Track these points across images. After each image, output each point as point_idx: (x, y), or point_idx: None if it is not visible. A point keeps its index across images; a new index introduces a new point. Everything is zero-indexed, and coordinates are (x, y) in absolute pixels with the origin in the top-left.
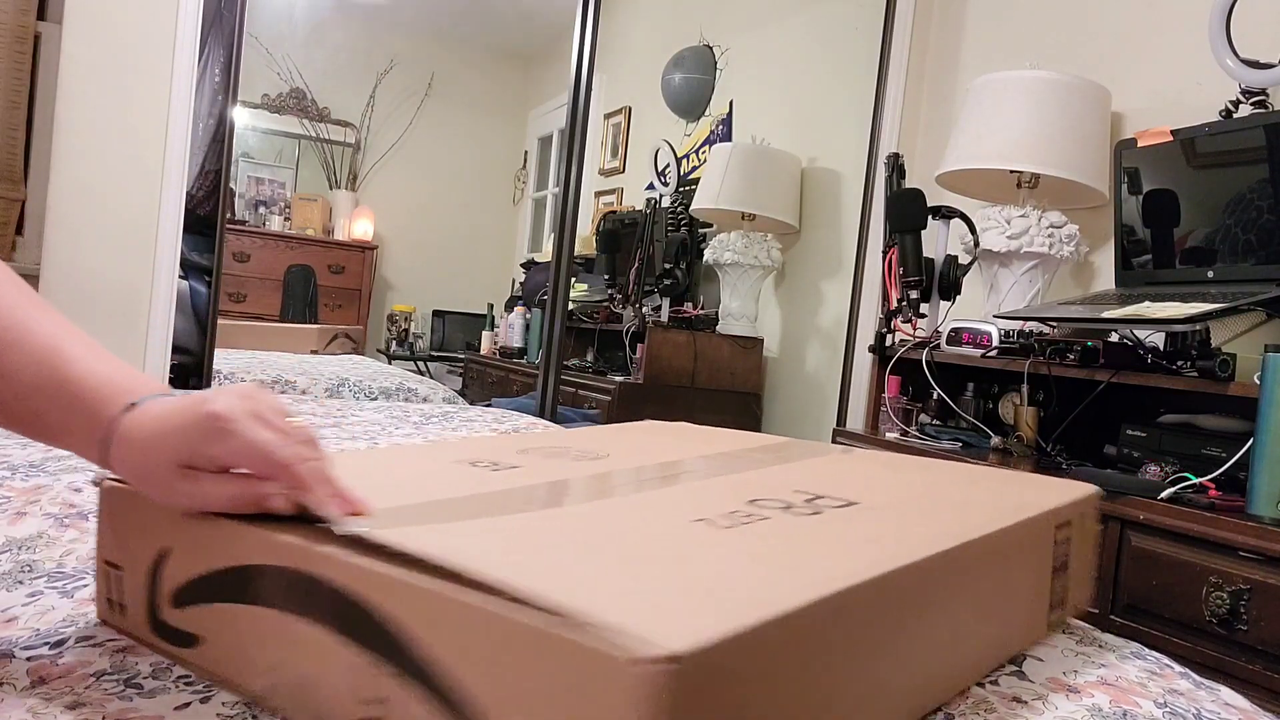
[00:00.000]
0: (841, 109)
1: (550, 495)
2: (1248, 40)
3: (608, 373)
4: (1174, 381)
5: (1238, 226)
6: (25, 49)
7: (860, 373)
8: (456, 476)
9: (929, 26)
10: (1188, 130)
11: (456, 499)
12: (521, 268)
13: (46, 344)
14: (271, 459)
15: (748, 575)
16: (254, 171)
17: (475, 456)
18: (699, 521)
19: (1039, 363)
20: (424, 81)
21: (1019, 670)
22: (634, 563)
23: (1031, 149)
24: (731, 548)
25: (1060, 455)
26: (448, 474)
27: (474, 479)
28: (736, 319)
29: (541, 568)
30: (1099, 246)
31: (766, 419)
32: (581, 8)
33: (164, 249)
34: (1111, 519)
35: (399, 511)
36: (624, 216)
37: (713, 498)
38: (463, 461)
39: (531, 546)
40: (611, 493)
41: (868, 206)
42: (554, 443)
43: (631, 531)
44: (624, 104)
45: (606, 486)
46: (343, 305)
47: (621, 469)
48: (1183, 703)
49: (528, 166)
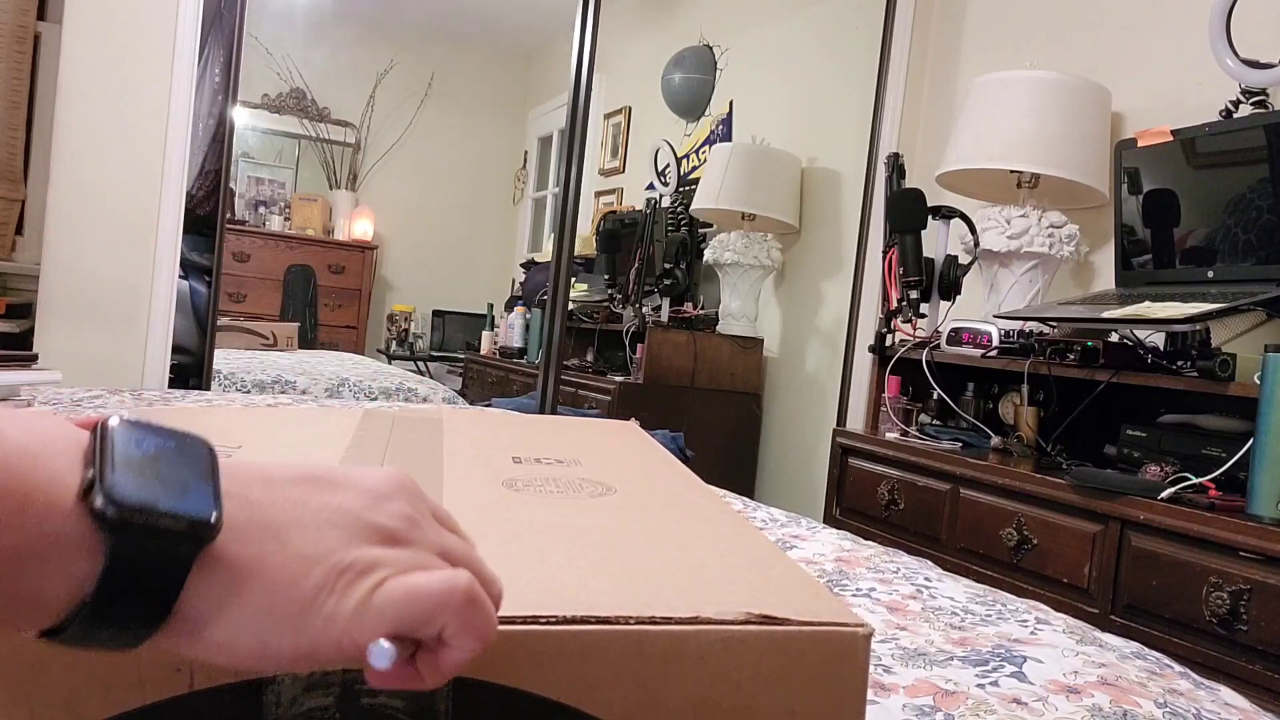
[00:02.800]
0: (841, 109)
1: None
2: (1248, 40)
3: (608, 373)
4: (1174, 381)
5: (1238, 226)
6: (25, 49)
7: (860, 373)
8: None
9: (929, 26)
10: (1188, 130)
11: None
12: (521, 268)
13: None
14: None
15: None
16: (254, 171)
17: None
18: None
19: (1039, 363)
20: (424, 81)
21: (1019, 671)
22: (686, 568)
23: (1031, 149)
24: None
25: (1060, 455)
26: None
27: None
28: (736, 319)
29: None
30: (1099, 246)
31: (766, 419)
32: (581, 8)
33: (164, 249)
34: (1111, 519)
35: None
36: (624, 216)
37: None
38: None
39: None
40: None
41: (868, 206)
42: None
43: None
44: (624, 104)
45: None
46: (343, 305)
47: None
48: (1183, 703)
49: (528, 166)
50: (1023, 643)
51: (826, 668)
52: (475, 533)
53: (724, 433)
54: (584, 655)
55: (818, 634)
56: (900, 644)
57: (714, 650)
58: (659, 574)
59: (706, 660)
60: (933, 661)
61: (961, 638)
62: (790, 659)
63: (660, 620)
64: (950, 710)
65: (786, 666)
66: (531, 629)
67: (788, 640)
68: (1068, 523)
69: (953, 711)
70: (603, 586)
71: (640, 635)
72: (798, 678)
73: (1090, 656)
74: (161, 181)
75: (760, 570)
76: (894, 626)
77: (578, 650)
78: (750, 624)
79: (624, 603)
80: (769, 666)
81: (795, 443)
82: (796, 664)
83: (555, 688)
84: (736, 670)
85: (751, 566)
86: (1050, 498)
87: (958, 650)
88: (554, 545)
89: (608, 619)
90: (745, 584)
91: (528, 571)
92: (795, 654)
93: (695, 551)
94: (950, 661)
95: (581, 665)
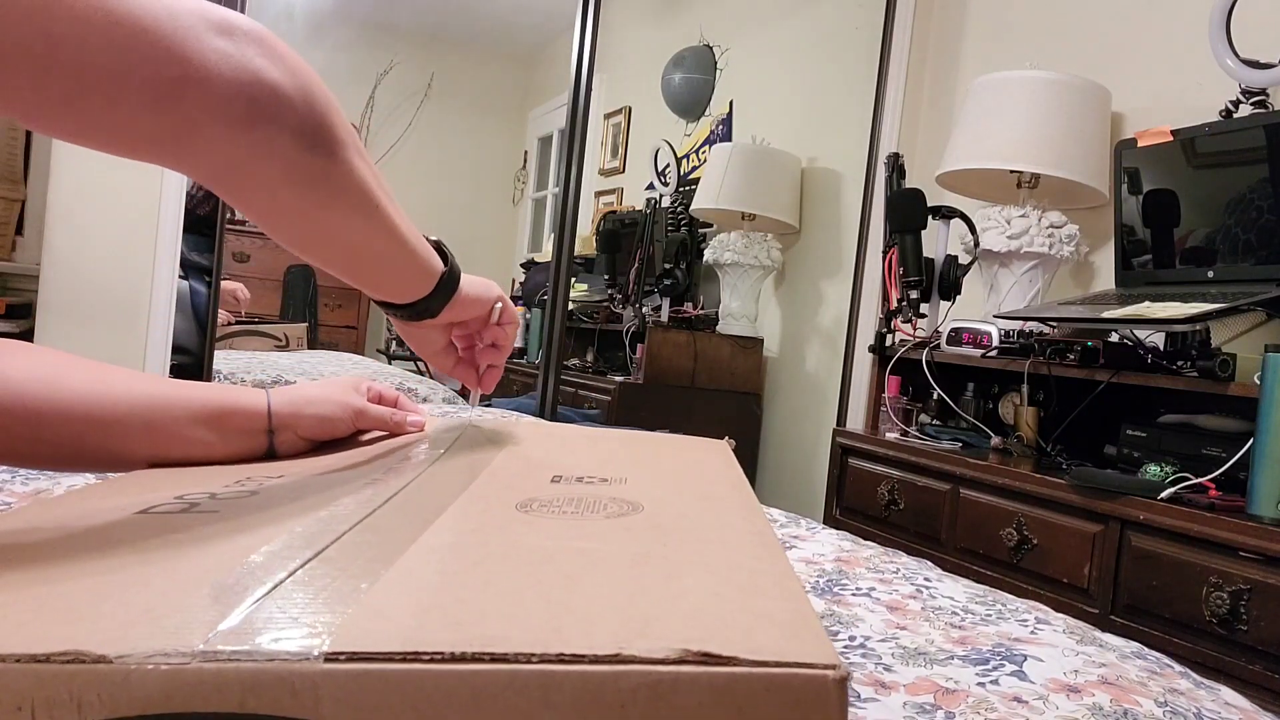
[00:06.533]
0: (841, 109)
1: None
2: (1248, 40)
3: (608, 373)
4: (1174, 381)
5: (1238, 226)
6: None
7: (860, 373)
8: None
9: (929, 26)
10: (1188, 130)
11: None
12: (521, 268)
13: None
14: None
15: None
16: None
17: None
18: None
19: (1039, 363)
20: (424, 81)
21: (1019, 670)
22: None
23: (1031, 149)
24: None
25: (1060, 455)
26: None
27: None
28: (736, 319)
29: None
30: (1099, 246)
31: (766, 419)
32: (581, 8)
33: (164, 249)
34: (1111, 519)
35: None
36: (624, 216)
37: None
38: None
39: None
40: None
41: (868, 206)
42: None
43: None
44: (624, 104)
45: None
46: (343, 305)
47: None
48: (1183, 702)
49: (528, 166)
50: (1023, 642)
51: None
52: (440, 559)
53: (724, 433)
54: (475, 702)
55: (774, 677)
56: (900, 643)
57: (639, 699)
58: (616, 603)
59: (628, 712)
60: (933, 660)
61: (962, 637)
62: (737, 711)
63: (570, 659)
64: (951, 708)
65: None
66: (411, 668)
67: (733, 685)
68: (1068, 523)
69: (954, 710)
70: (533, 618)
71: (544, 678)
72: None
73: (1090, 656)
74: (161, 181)
75: (744, 599)
76: (894, 626)
77: (465, 696)
78: (685, 664)
79: (542, 639)
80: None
81: (795, 443)
82: (743, 717)
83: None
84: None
85: (739, 595)
86: (1050, 498)
87: (958, 649)
88: (509, 571)
89: (503, 656)
90: (712, 615)
91: (453, 600)
92: (744, 704)
93: (684, 579)
94: (951, 660)
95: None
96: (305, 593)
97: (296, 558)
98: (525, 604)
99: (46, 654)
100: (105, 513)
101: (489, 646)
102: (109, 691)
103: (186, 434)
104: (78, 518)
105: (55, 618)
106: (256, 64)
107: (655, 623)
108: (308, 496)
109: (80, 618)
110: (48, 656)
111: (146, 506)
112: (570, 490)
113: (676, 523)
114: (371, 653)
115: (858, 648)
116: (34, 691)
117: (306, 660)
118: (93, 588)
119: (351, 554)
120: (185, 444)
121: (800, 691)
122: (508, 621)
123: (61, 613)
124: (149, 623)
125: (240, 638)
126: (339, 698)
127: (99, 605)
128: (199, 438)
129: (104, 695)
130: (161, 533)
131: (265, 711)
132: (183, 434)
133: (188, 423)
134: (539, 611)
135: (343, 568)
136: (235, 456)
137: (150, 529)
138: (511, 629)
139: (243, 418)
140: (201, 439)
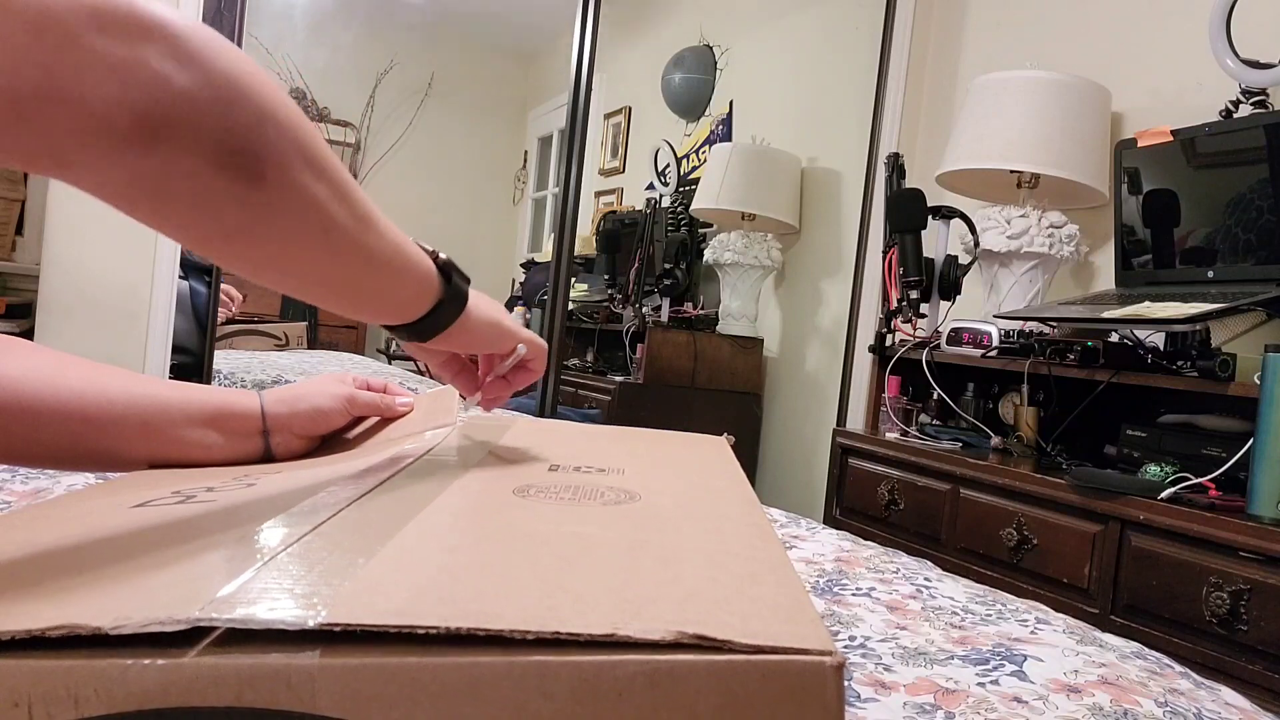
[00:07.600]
0: (841, 109)
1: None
2: (1248, 40)
3: (608, 373)
4: (1174, 381)
5: (1238, 226)
6: None
7: (860, 373)
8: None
9: (929, 26)
10: (1188, 130)
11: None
12: (521, 268)
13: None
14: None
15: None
16: None
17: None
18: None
19: (1039, 363)
20: (424, 81)
21: (1020, 670)
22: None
23: (1031, 149)
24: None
25: (1060, 455)
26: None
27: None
28: (736, 319)
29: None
30: (1099, 246)
31: (766, 419)
32: (581, 8)
33: (164, 249)
34: (1111, 519)
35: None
36: (624, 216)
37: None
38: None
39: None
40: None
41: (868, 206)
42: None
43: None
44: (624, 104)
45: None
46: None
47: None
48: (1183, 702)
49: (528, 166)
50: (1023, 642)
51: (781, 709)
52: (437, 537)
53: (724, 433)
54: (473, 693)
55: (770, 663)
56: (900, 643)
57: (635, 686)
58: (612, 586)
59: (625, 700)
60: (933, 660)
61: (962, 637)
62: (733, 697)
63: (566, 637)
64: (951, 708)
65: (726, 707)
66: (406, 660)
67: (729, 671)
68: (1068, 523)
69: (954, 710)
70: (529, 598)
71: (541, 668)
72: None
73: (1091, 656)
74: None
75: (740, 585)
76: (894, 626)
77: (463, 687)
78: (681, 648)
79: (537, 617)
80: (705, 707)
81: (795, 443)
82: (740, 704)
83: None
84: (665, 713)
85: (735, 582)
86: (1050, 498)
87: (958, 649)
88: (506, 552)
89: (498, 633)
90: (708, 600)
91: (449, 578)
92: (741, 690)
93: (680, 565)
94: (951, 660)
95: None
96: (301, 565)
97: (294, 533)
98: (521, 584)
99: (42, 629)
100: (102, 508)
101: (483, 623)
102: (106, 686)
103: (184, 435)
104: (76, 514)
105: (50, 597)
106: (153, 69)
107: (650, 605)
108: (305, 484)
109: (75, 597)
110: (43, 632)
111: (144, 500)
112: (568, 478)
113: (673, 511)
114: (366, 625)
115: (858, 648)
116: (31, 687)
117: (302, 646)
118: (88, 567)
119: (349, 530)
120: (182, 445)
121: (797, 677)
122: (503, 600)
123: (56, 592)
124: (145, 595)
125: (235, 607)
126: (335, 690)
127: (94, 583)
128: (196, 439)
129: (101, 690)
130: (158, 520)
131: (262, 705)
132: (180, 435)
133: (185, 424)
134: (534, 591)
135: (339, 543)
136: (232, 459)
137: (147, 518)
138: (506, 607)
139: (237, 420)
140: (199, 441)
